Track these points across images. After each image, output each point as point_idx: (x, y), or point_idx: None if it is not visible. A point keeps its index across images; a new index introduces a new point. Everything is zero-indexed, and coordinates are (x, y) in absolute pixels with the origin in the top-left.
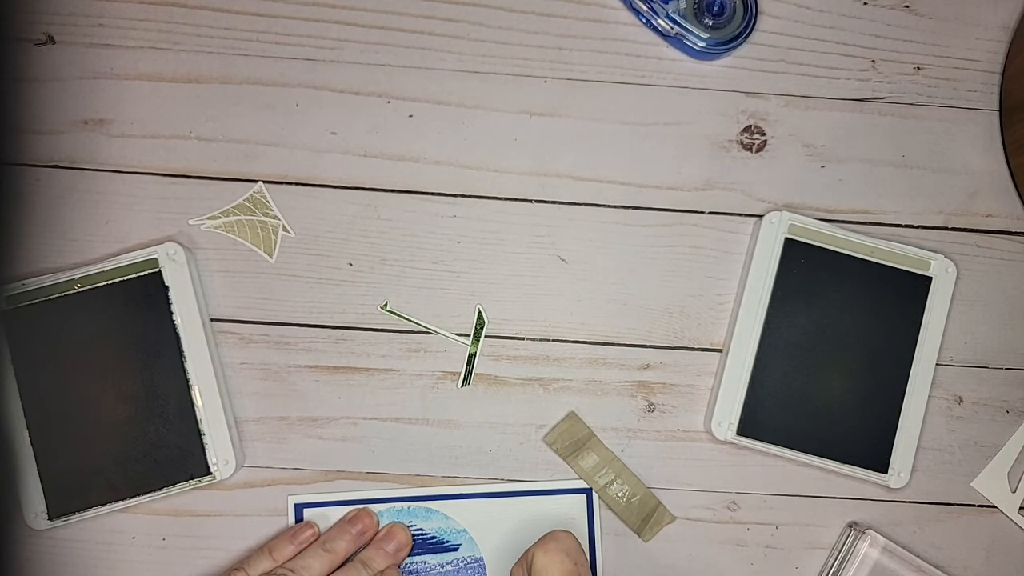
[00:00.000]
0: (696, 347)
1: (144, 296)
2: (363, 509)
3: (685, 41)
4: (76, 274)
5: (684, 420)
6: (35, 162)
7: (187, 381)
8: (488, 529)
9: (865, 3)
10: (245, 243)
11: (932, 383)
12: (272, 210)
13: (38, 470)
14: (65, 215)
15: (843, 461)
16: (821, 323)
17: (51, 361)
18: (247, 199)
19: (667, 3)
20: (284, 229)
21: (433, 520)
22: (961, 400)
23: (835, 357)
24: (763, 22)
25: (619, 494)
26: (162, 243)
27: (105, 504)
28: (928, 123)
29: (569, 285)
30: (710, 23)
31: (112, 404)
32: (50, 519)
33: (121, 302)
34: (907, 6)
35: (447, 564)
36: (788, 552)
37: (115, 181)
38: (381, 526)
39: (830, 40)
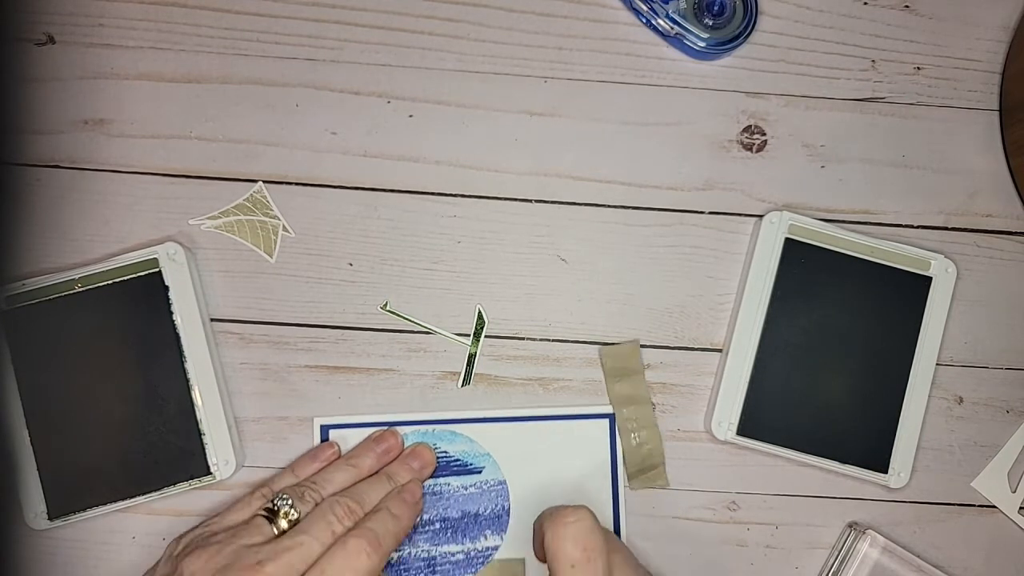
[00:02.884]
0: (696, 347)
1: (144, 296)
2: (388, 429)
3: (685, 41)
4: (76, 274)
5: (684, 420)
6: (35, 162)
7: (187, 381)
8: (512, 453)
9: (865, 3)
10: (245, 243)
11: (932, 383)
12: (272, 210)
13: (38, 470)
14: (65, 215)
15: (843, 461)
16: (821, 323)
17: (51, 361)
18: (247, 199)
19: (667, 3)
20: (284, 229)
21: (457, 443)
22: (961, 400)
23: (835, 357)
24: (763, 22)
25: (634, 436)
26: (162, 243)
27: (105, 504)
28: (928, 123)
29: (569, 285)
30: (710, 23)
31: (112, 404)
32: (50, 519)
33: (121, 302)
34: (907, 6)
35: (471, 486)
36: (788, 552)
37: (115, 181)
38: (406, 447)
39: (830, 40)
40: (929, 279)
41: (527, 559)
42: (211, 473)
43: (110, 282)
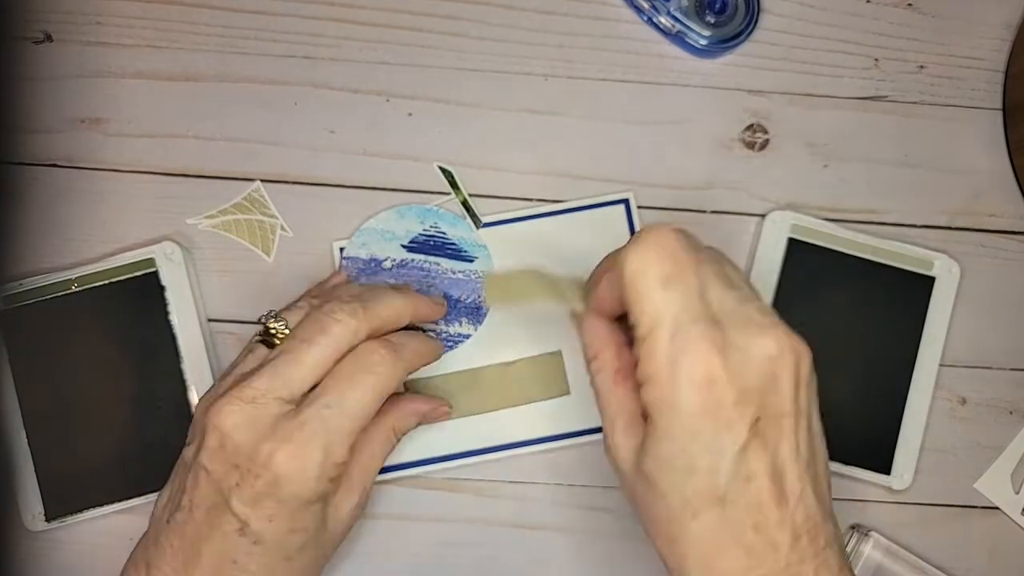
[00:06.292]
0: None
1: (141, 296)
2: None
3: (687, 39)
4: (73, 274)
5: None
6: (32, 161)
7: (184, 382)
8: (510, 252)
9: (868, 1)
10: (243, 242)
11: (935, 384)
12: (270, 209)
13: (35, 471)
14: (62, 214)
15: (846, 463)
16: (823, 323)
17: (48, 361)
18: (245, 198)
19: (668, 0)
20: (282, 228)
21: (458, 228)
22: (964, 401)
23: (837, 358)
24: (765, 20)
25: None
26: (159, 242)
27: (103, 505)
28: (931, 122)
29: None
30: (712, 21)
31: (109, 405)
32: (47, 520)
33: (118, 302)
34: (910, 4)
35: (459, 272)
36: None
37: (112, 180)
38: (406, 218)
39: (833, 38)
40: (932, 279)
41: (562, 351)
42: None
43: (107, 282)
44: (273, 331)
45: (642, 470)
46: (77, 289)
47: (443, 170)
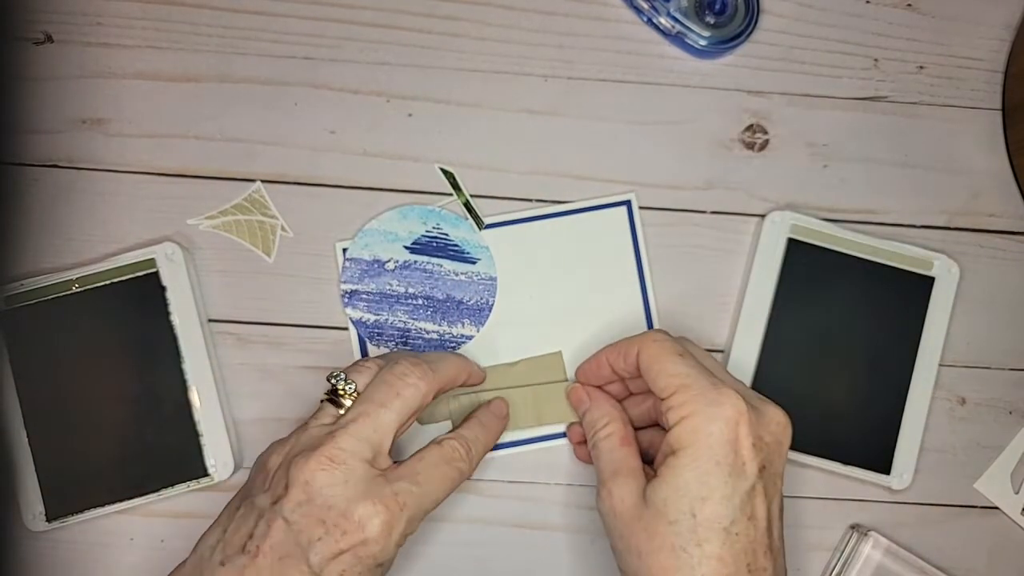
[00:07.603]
0: None
1: (142, 296)
2: None
3: (686, 39)
4: (74, 274)
5: None
6: (32, 161)
7: (184, 382)
8: (512, 253)
9: (868, 2)
10: (243, 243)
11: (935, 384)
12: (270, 210)
13: (36, 471)
14: (62, 215)
15: (845, 462)
16: (823, 324)
17: (49, 362)
18: (245, 199)
19: (668, 1)
20: (282, 229)
21: (460, 229)
22: (964, 401)
23: (837, 358)
24: (765, 20)
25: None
26: (160, 243)
27: (103, 506)
28: (931, 122)
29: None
30: (711, 21)
31: (110, 405)
32: (48, 521)
33: (119, 302)
34: (909, 4)
35: (462, 274)
36: (790, 554)
37: (113, 181)
38: (409, 219)
39: (833, 39)
40: (932, 279)
41: (562, 351)
42: (209, 475)
43: (107, 282)
44: (341, 392)
45: (651, 503)
46: (78, 289)
47: (444, 172)
